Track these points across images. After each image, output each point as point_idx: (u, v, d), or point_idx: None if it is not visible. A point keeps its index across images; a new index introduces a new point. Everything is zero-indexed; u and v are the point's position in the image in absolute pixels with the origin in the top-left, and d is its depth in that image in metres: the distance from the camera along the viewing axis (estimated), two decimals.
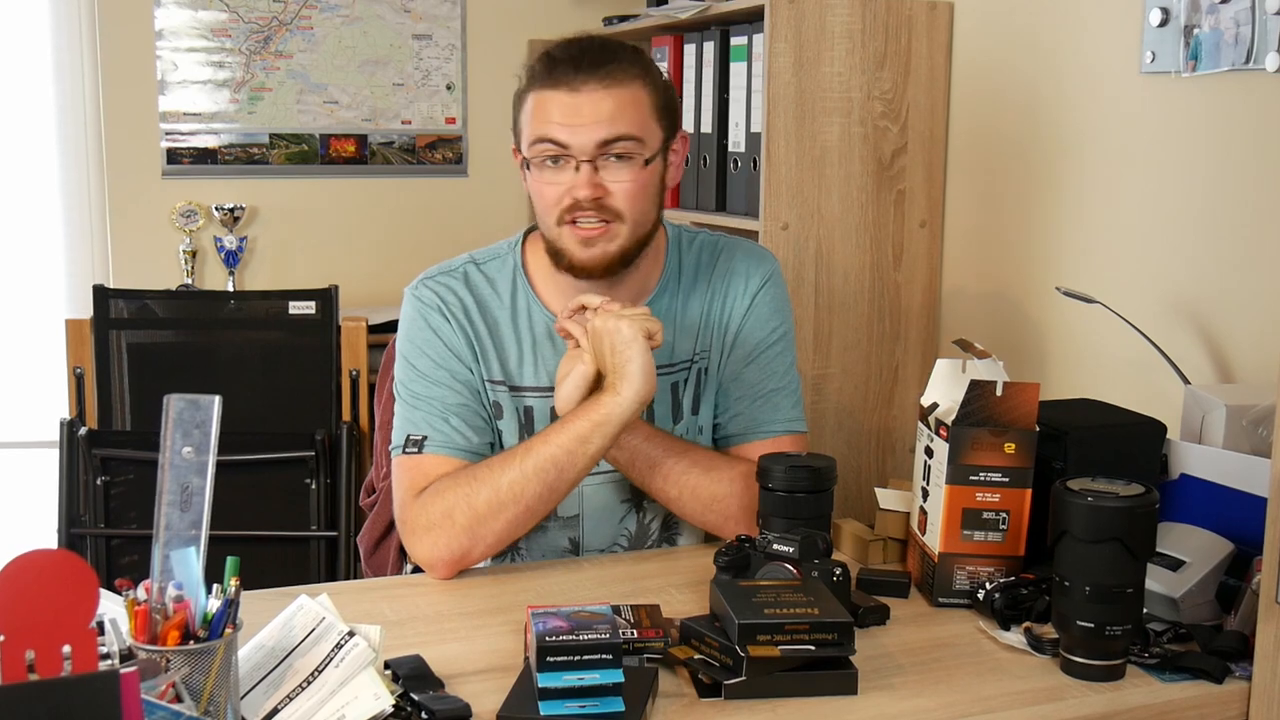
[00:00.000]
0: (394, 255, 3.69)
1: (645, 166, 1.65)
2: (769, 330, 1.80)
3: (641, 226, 1.68)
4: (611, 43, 1.68)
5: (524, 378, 1.76)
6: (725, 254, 1.82)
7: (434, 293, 1.77)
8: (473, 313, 1.75)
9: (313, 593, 1.32)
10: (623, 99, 1.63)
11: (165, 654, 1.11)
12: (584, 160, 1.62)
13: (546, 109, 1.63)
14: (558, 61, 1.64)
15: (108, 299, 3.02)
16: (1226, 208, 1.93)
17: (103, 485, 2.96)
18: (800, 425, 1.81)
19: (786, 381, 1.81)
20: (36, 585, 1.00)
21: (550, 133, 1.63)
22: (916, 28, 2.47)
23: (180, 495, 1.14)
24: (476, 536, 1.62)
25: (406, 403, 1.74)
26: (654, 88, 1.67)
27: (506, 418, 1.76)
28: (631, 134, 1.63)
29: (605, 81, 1.62)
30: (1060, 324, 2.27)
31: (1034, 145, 2.32)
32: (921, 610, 1.58)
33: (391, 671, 1.31)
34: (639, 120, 1.64)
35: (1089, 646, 1.37)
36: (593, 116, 1.61)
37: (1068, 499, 1.37)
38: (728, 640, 1.32)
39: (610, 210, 1.64)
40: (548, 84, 1.64)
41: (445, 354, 1.74)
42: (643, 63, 1.67)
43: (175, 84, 3.51)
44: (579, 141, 1.62)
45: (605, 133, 1.62)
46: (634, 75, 1.65)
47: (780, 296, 1.83)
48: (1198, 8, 1.90)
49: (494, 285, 1.78)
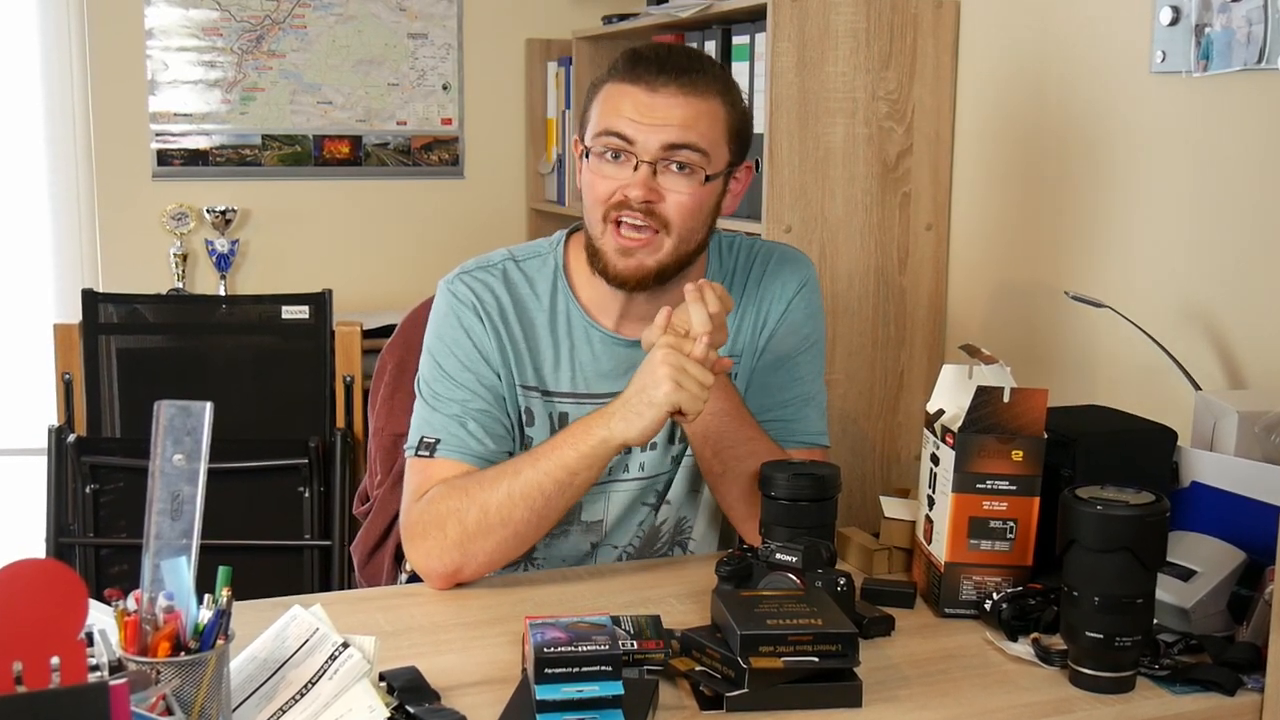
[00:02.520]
0: (389, 259, 3.68)
1: (705, 184, 1.62)
2: (802, 337, 1.79)
3: (686, 244, 1.65)
4: (701, 55, 1.67)
5: (559, 383, 1.73)
6: (762, 258, 1.80)
7: (470, 289, 1.72)
8: (509, 313, 1.72)
9: (306, 603, 1.30)
10: (699, 109, 1.60)
11: (156, 666, 1.10)
12: (645, 160, 1.60)
13: (619, 102, 1.61)
14: (642, 59, 1.61)
15: (97, 303, 3.02)
16: (1238, 210, 1.92)
17: (92, 493, 2.95)
18: (824, 439, 1.80)
19: (814, 391, 1.79)
20: (24, 595, 0.99)
21: (618, 126, 1.60)
22: (922, 27, 2.46)
23: (171, 503, 1.14)
24: (467, 554, 1.61)
25: (427, 401, 1.71)
26: (732, 108, 1.65)
27: (539, 424, 1.73)
28: (699, 145, 1.60)
29: (685, 88, 1.60)
30: (1069, 329, 2.26)
31: (1042, 146, 2.31)
32: (927, 621, 1.57)
33: (386, 684, 1.30)
34: (710, 134, 1.62)
35: (1098, 658, 1.36)
36: (665, 118, 1.59)
37: (1076, 507, 1.36)
38: (729, 652, 1.31)
39: (659, 217, 1.61)
40: (627, 78, 1.61)
41: (474, 356, 1.70)
42: (726, 81, 1.66)
43: (166, 84, 3.49)
44: (645, 139, 1.59)
45: (674, 137, 1.59)
46: (715, 91, 1.62)
47: (815, 303, 1.81)
48: (1209, 6, 1.89)
49: (533, 285, 1.74)
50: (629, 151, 1.60)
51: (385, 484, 1.92)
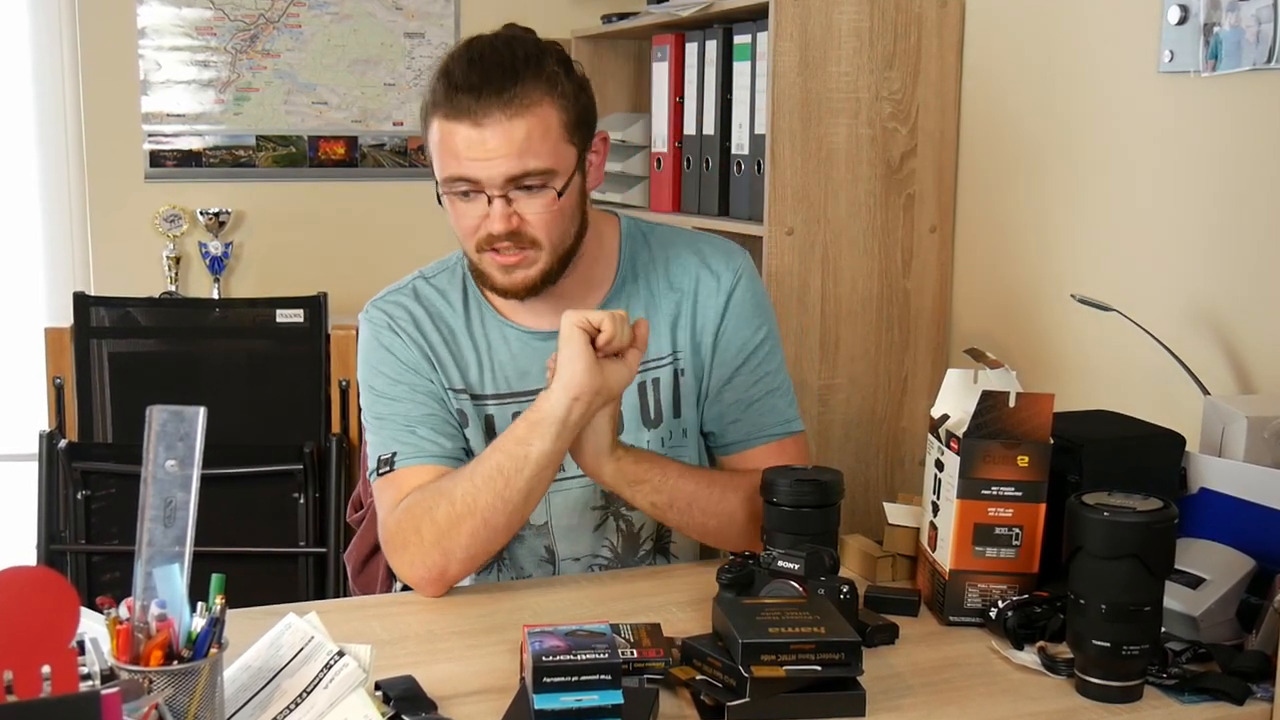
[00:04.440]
0: (385, 261, 3.62)
1: (560, 196, 1.63)
2: (752, 330, 1.79)
3: (561, 247, 1.67)
4: (514, 58, 1.62)
5: (484, 385, 1.76)
6: (689, 249, 1.80)
7: (383, 311, 1.78)
8: (424, 325, 1.76)
9: (301, 611, 1.31)
10: (529, 127, 1.58)
11: (148, 674, 1.10)
12: (495, 194, 1.60)
13: (452, 143, 1.60)
14: (459, 89, 1.59)
15: (88, 307, 3.02)
16: (1247, 212, 1.91)
17: (83, 500, 2.96)
18: (797, 424, 1.82)
19: (779, 382, 1.81)
20: (15, 603, 0.99)
21: (459, 169, 1.61)
22: (926, 26, 2.45)
23: (163, 510, 1.14)
24: (446, 551, 1.61)
25: (372, 427, 1.75)
26: (563, 102, 1.62)
27: (471, 426, 1.75)
28: (540, 167, 1.60)
29: (509, 109, 1.57)
30: (1075, 333, 2.25)
31: (1048, 147, 2.30)
32: (931, 629, 1.56)
33: (382, 693, 1.30)
34: (548, 148, 1.60)
35: (1105, 667, 1.35)
36: (499, 150, 1.58)
37: (1083, 514, 1.36)
38: (731, 660, 1.31)
39: (526, 238, 1.63)
40: (449, 113, 1.60)
41: (400, 369, 1.74)
42: (548, 75, 1.62)
43: (158, 84, 3.48)
44: (487, 175, 1.59)
45: (513, 168, 1.59)
46: (539, 96, 1.59)
47: (757, 293, 1.81)
48: (1217, 5, 1.89)
49: (445, 296, 1.79)
50: (477, 190, 1.61)
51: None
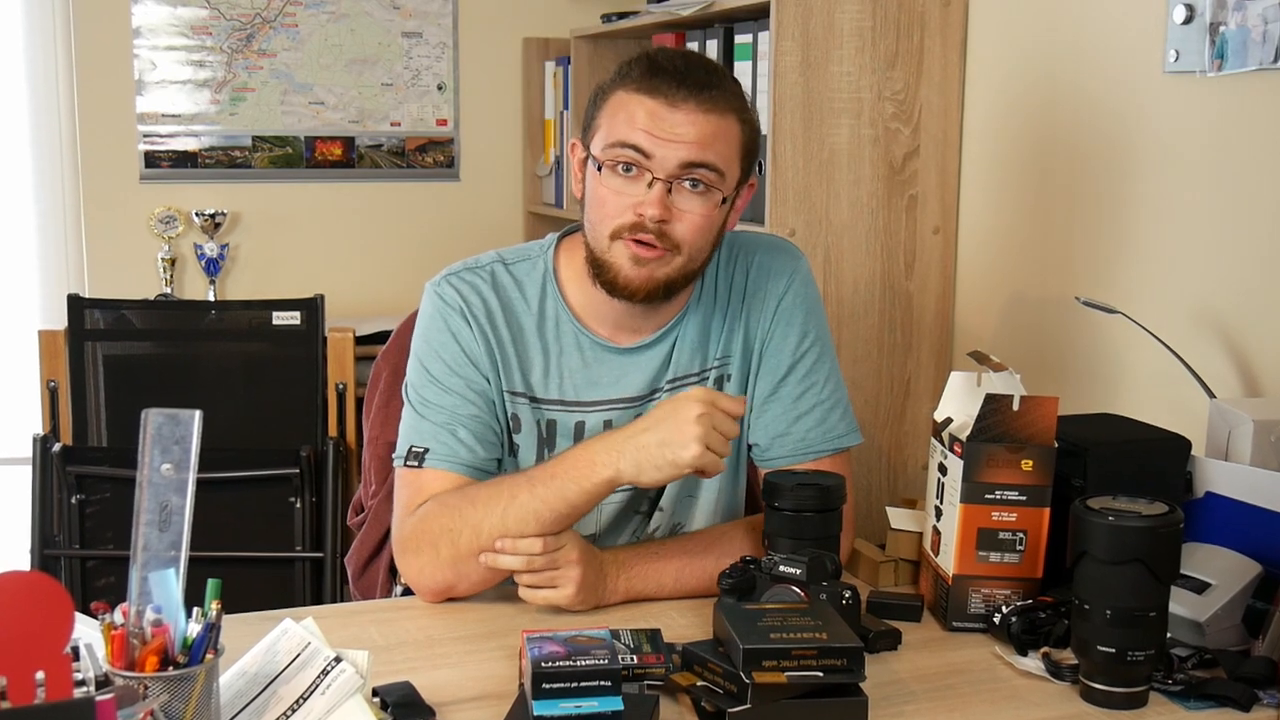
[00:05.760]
0: (382, 263, 3.68)
1: (720, 205, 1.61)
2: (799, 338, 1.74)
3: (694, 262, 1.63)
4: (718, 69, 1.64)
5: (548, 390, 1.71)
6: (745, 251, 1.76)
7: (457, 292, 1.70)
8: (496, 317, 1.69)
9: (297, 616, 1.30)
10: (717, 127, 1.58)
11: (143, 680, 1.10)
12: (660, 177, 1.57)
13: (634, 112, 1.57)
14: (660, 69, 1.58)
15: (83, 309, 3.02)
16: (1254, 214, 1.91)
17: (78, 504, 2.96)
18: (849, 439, 1.75)
19: (829, 393, 1.74)
20: (9, 609, 0.99)
21: (633, 138, 1.57)
22: (929, 25, 2.44)
23: (159, 514, 1.13)
24: (460, 574, 1.60)
25: (415, 408, 1.69)
26: (746, 126, 1.63)
27: (525, 431, 1.71)
28: (716, 165, 1.58)
29: (704, 104, 1.57)
30: (1080, 335, 2.25)
31: (1052, 148, 2.30)
32: (935, 635, 1.56)
33: (380, 699, 1.30)
34: (727, 154, 1.59)
35: (1110, 672, 1.35)
36: (683, 134, 1.56)
37: (1088, 518, 1.36)
38: (732, 666, 1.30)
39: (670, 239, 1.59)
40: (643, 88, 1.58)
41: (461, 360, 1.68)
42: (741, 97, 1.63)
43: (153, 84, 3.48)
44: (662, 155, 1.56)
45: (692, 155, 1.56)
46: (732, 108, 1.60)
47: (809, 298, 1.76)
48: (1224, 4, 1.88)
49: (522, 289, 1.72)
50: (644, 166, 1.57)
51: (380, 494, 1.91)
